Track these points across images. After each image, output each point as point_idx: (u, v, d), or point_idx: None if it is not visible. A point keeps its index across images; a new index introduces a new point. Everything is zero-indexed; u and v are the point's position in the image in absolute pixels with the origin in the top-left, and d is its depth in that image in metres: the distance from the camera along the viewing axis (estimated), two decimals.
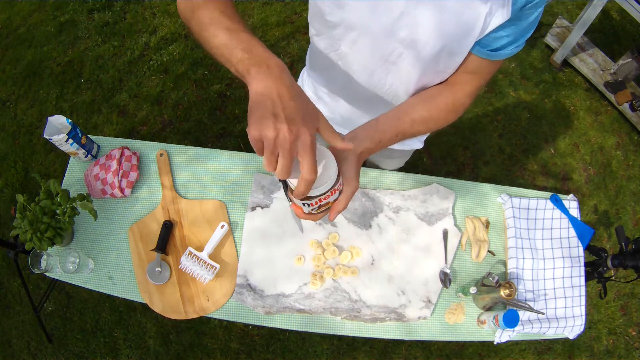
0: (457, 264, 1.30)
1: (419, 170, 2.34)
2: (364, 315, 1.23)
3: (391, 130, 0.83)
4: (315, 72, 1.11)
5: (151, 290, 1.25)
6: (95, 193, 1.31)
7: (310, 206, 0.71)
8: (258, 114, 0.58)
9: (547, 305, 1.27)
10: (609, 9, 2.80)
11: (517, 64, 2.64)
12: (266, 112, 0.57)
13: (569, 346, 2.11)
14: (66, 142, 1.26)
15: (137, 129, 2.43)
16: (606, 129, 2.54)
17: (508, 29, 0.76)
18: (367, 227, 1.31)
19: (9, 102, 2.54)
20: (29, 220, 1.15)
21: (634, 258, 1.24)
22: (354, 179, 0.74)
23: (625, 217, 2.37)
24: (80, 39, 2.67)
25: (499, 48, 0.79)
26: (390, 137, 0.83)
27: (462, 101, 0.90)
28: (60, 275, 1.27)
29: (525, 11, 0.73)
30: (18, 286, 2.13)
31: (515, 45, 0.79)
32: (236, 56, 0.64)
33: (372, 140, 0.80)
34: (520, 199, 1.35)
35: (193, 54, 2.60)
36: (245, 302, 1.23)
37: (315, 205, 0.71)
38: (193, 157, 1.38)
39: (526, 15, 0.74)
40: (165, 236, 1.27)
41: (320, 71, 1.08)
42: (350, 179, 0.73)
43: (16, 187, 2.33)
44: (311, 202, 0.69)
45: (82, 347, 2.08)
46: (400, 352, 2.05)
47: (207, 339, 2.05)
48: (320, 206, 0.71)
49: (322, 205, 0.71)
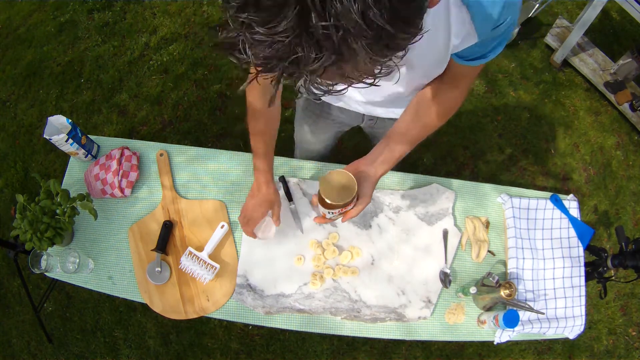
0: (457, 264, 1.30)
1: (419, 170, 2.34)
2: (364, 315, 1.23)
3: (399, 149, 0.97)
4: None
5: (151, 290, 1.25)
6: (95, 193, 1.31)
7: (333, 214, 0.94)
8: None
9: (547, 305, 1.27)
10: (609, 9, 2.80)
11: (517, 64, 2.64)
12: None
13: (569, 346, 2.11)
14: (66, 142, 1.26)
15: (137, 129, 2.43)
16: (606, 129, 2.53)
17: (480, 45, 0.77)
18: (367, 227, 1.31)
19: (9, 102, 2.54)
20: (29, 220, 1.15)
21: (634, 258, 1.24)
22: (368, 196, 0.95)
23: (625, 217, 2.37)
24: (80, 39, 2.66)
25: (477, 58, 0.80)
26: (400, 154, 0.97)
27: (455, 102, 0.94)
28: (60, 275, 1.27)
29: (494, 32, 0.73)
30: (18, 286, 2.13)
31: (493, 53, 0.80)
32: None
33: (389, 163, 0.97)
34: (520, 199, 1.35)
35: (193, 54, 2.60)
36: (245, 302, 1.23)
37: (336, 214, 0.94)
38: (193, 157, 1.38)
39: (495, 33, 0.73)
40: (165, 236, 1.27)
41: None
42: (366, 195, 0.94)
43: (16, 187, 2.32)
44: (334, 211, 0.92)
45: (82, 347, 2.08)
46: (400, 352, 2.05)
47: (207, 339, 2.05)
48: (340, 212, 0.94)
49: (342, 212, 0.94)
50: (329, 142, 1.50)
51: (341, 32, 0.42)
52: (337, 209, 0.92)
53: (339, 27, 0.41)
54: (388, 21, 0.42)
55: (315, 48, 0.43)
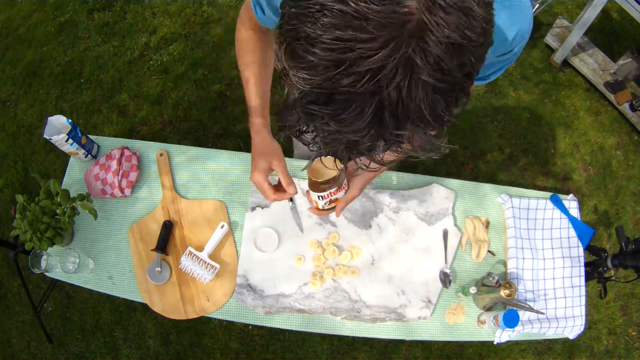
0: (457, 264, 1.30)
1: (419, 170, 2.34)
2: (364, 315, 1.23)
3: None
4: None
5: (151, 290, 1.25)
6: (95, 193, 1.31)
7: (323, 199, 0.93)
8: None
9: (547, 305, 1.27)
10: (609, 9, 2.79)
11: (517, 64, 2.64)
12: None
13: (569, 346, 2.11)
14: (66, 142, 1.25)
15: (137, 129, 2.43)
16: (606, 129, 2.53)
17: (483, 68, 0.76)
18: (367, 227, 1.31)
19: (9, 102, 2.54)
20: (29, 220, 1.14)
21: (634, 258, 1.24)
22: (358, 188, 0.97)
23: (625, 217, 2.37)
24: (80, 39, 2.66)
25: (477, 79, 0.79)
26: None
27: None
28: (60, 275, 1.27)
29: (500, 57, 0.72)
30: (18, 286, 2.13)
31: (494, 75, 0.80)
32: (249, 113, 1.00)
33: None
34: (520, 199, 1.35)
35: (193, 54, 2.60)
36: (245, 302, 1.23)
37: (327, 199, 0.94)
38: (193, 157, 1.38)
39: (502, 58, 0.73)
40: (165, 236, 1.27)
41: None
42: (355, 187, 0.96)
43: (16, 187, 2.32)
44: (323, 194, 0.92)
45: (82, 347, 2.08)
46: (400, 352, 2.05)
47: (207, 339, 2.05)
48: (330, 200, 0.94)
49: (332, 200, 0.94)
50: None
51: (409, 125, 0.44)
52: (325, 192, 0.91)
53: (410, 123, 0.44)
54: (450, 112, 0.46)
55: (384, 142, 0.46)
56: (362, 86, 0.41)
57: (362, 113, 0.43)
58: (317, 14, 0.41)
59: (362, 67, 0.40)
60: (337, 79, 0.42)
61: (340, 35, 0.40)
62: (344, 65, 0.41)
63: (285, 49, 0.45)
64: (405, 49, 0.40)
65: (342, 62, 0.41)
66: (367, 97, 0.42)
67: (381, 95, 0.42)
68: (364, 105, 0.42)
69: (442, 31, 0.40)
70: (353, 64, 0.40)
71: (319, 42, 0.41)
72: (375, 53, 0.40)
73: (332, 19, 0.40)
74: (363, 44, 0.40)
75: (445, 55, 0.41)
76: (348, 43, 0.40)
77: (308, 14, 0.41)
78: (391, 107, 0.42)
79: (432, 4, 0.40)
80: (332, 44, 0.40)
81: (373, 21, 0.39)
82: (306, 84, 0.44)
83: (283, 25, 0.45)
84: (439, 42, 0.40)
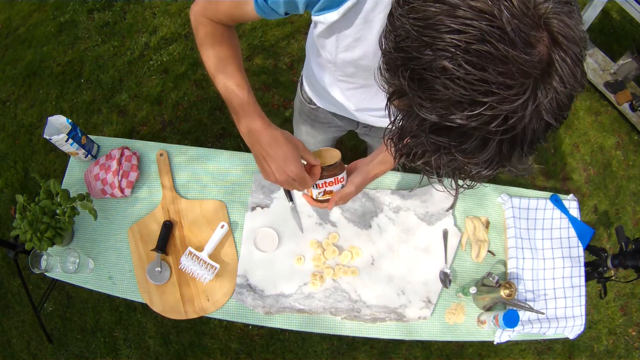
0: (457, 264, 1.30)
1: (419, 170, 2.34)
2: (364, 315, 1.23)
3: None
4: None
5: (151, 290, 1.25)
6: (95, 193, 1.31)
7: (317, 187, 0.91)
8: None
9: (547, 305, 1.27)
10: (609, 9, 2.79)
11: None
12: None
13: (569, 346, 2.11)
14: (66, 142, 1.25)
15: (137, 129, 2.43)
16: (606, 129, 2.53)
17: None
18: (367, 227, 1.31)
19: (9, 102, 2.54)
20: (28, 220, 1.14)
21: (634, 258, 1.24)
22: (355, 184, 0.93)
23: (625, 217, 2.37)
24: (80, 39, 2.66)
25: None
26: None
27: None
28: (60, 275, 1.27)
29: None
30: (18, 286, 2.13)
31: None
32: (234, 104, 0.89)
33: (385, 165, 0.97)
34: (520, 199, 1.35)
35: (193, 54, 2.59)
36: (245, 302, 1.23)
37: (321, 188, 0.92)
38: (193, 157, 1.38)
39: None
40: (165, 236, 1.27)
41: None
42: (353, 183, 0.93)
43: (16, 187, 2.32)
44: (319, 182, 0.91)
45: (82, 347, 2.08)
46: (400, 352, 2.05)
47: (207, 339, 2.05)
48: (325, 191, 0.92)
49: (327, 191, 0.92)
50: (327, 143, 1.50)
51: (518, 151, 0.47)
52: (320, 180, 0.90)
53: (520, 150, 0.47)
54: (546, 139, 0.49)
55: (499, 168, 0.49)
56: (496, 125, 0.43)
57: (486, 146, 0.45)
58: (457, 50, 0.41)
59: (501, 111, 0.42)
60: (471, 116, 0.43)
61: (486, 77, 0.41)
62: (483, 107, 0.42)
63: (411, 76, 0.45)
64: (540, 95, 0.42)
65: (482, 103, 0.42)
66: (494, 133, 0.44)
67: (509, 133, 0.44)
68: (487, 139, 0.45)
69: (566, 71, 0.43)
70: (494, 106, 0.42)
71: (460, 80, 0.41)
72: (516, 99, 0.41)
73: (478, 59, 0.41)
74: (506, 90, 0.41)
75: (567, 101, 0.44)
76: (493, 86, 0.41)
77: (445, 49, 0.42)
78: (514, 141, 0.45)
79: (557, 47, 0.42)
80: (476, 84, 0.41)
81: (515, 66, 0.40)
82: (433, 114, 0.44)
83: (401, 47, 0.46)
84: (564, 86, 0.43)
